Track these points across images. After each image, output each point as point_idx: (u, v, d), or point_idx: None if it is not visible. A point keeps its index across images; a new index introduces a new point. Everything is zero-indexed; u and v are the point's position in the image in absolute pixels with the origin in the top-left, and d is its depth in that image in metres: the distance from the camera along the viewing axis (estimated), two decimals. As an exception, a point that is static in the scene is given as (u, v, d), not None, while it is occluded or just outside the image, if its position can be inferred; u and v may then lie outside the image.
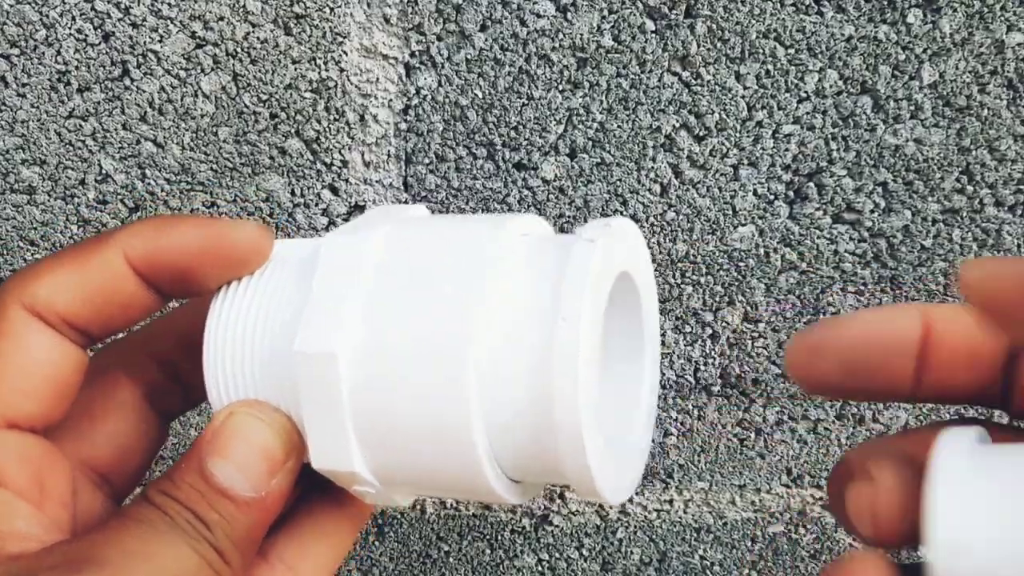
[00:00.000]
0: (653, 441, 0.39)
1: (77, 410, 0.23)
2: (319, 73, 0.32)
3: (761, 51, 0.31)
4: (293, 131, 0.33)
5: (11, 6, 0.31)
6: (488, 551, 0.44)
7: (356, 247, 0.22)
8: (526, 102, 0.32)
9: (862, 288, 0.35)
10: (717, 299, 0.36)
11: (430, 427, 0.20)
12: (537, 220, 0.23)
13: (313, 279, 0.21)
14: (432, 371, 0.20)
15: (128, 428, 0.24)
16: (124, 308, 0.22)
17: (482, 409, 0.20)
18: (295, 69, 0.32)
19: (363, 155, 0.34)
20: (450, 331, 0.20)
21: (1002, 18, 0.30)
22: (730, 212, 0.34)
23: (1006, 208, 0.33)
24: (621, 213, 0.34)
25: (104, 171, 0.34)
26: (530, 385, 0.20)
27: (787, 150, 0.33)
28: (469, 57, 0.31)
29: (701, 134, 0.32)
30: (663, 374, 0.38)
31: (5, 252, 0.36)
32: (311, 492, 0.24)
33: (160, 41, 0.32)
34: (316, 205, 0.35)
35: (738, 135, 0.32)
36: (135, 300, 0.22)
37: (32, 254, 0.36)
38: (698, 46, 0.31)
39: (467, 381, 0.20)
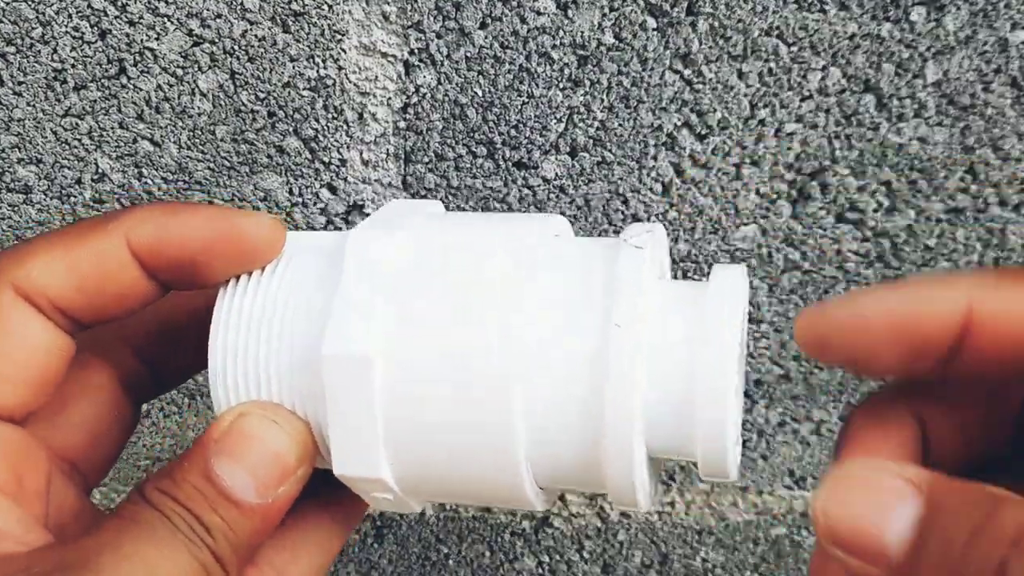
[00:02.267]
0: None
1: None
2: (317, 71, 0.32)
3: (764, 49, 0.31)
4: (291, 129, 0.33)
5: (7, 4, 0.31)
6: (488, 554, 0.43)
7: (386, 244, 0.20)
8: (526, 100, 0.32)
9: (865, 288, 0.35)
10: (719, 299, 0.36)
11: (470, 437, 0.19)
12: (562, 221, 0.23)
13: (340, 276, 0.20)
14: (474, 380, 0.19)
15: (101, 415, 0.23)
16: (121, 297, 0.21)
17: (526, 418, 0.19)
18: (293, 67, 0.32)
19: (362, 154, 0.33)
20: (493, 337, 0.19)
21: (1006, 16, 0.30)
22: (732, 211, 0.34)
23: (1010, 207, 0.33)
24: (622, 212, 0.34)
25: (100, 170, 0.34)
26: (578, 393, 0.19)
27: (790, 149, 0.32)
28: (469, 55, 0.31)
29: (703, 132, 0.32)
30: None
31: (1, 252, 0.36)
32: (301, 494, 0.24)
33: (157, 39, 0.31)
34: (314, 204, 0.34)
35: (740, 134, 0.32)
36: (134, 290, 0.21)
37: (28, 254, 0.36)
38: (700, 44, 0.31)
39: (511, 390, 0.19)
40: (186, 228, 0.21)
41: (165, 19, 0.31)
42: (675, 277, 0.35)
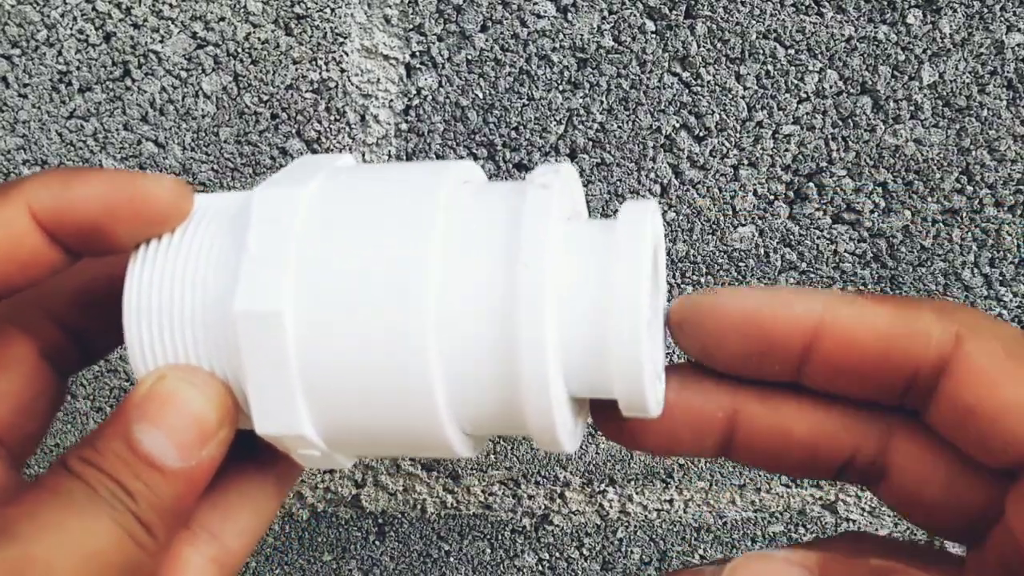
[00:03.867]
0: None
1: None
2: (320, 73, 0.32)
3: (761, 51, 0.31)
4: (294, 131, 0.33)
5: (12, 6, 0.31)
6: (488, 551, 0.44)
7: (292, 197, 0.20)
8: (526, 102, 0.32)
9: (862, 288, 0.35)
10: (717, 299, 0.36)
11: (386, 382, 0.19)
12: (472, 166, 0.23)
13: (247, 234, 0.20)
14: (386, 322, 0.19)
15: (24, 387, 0.22)
16: (25, 265, 0.20)
17: (441, 360, 0.19)
18: (296, 69, 0.32)
19: (364, 156, 0.34)
20: (403, 280, 0.19)
21: (1002, 18, 0.30)
22: (730, 212, 0.34)
23: (1006, 208, 0.33)
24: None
25: (105, 171, 0.34)
26: (491, 333, 0.19)
27: (787, 150, 0.33)
28: (470, 57, 0.31)
29: (701, 134, 0.32)
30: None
31: (6, 252, 0.36)
32: (234, 455, 0.23)
33: (161, 41, 0.32)
34: (317, 205, 0.35)
35: (738, 135, 0.32)
36: (38, 257, 0.21)
37: (33, 254, 0.36)
38: (698, 47, 0.31)
39: (425, 331, 0.19)
40: (86, 191, 0.20)
41: (169, 22, 0.31)
42: (673, 275, 0.35)
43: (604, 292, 0.19)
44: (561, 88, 0.32)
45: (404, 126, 0.33)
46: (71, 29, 0.32)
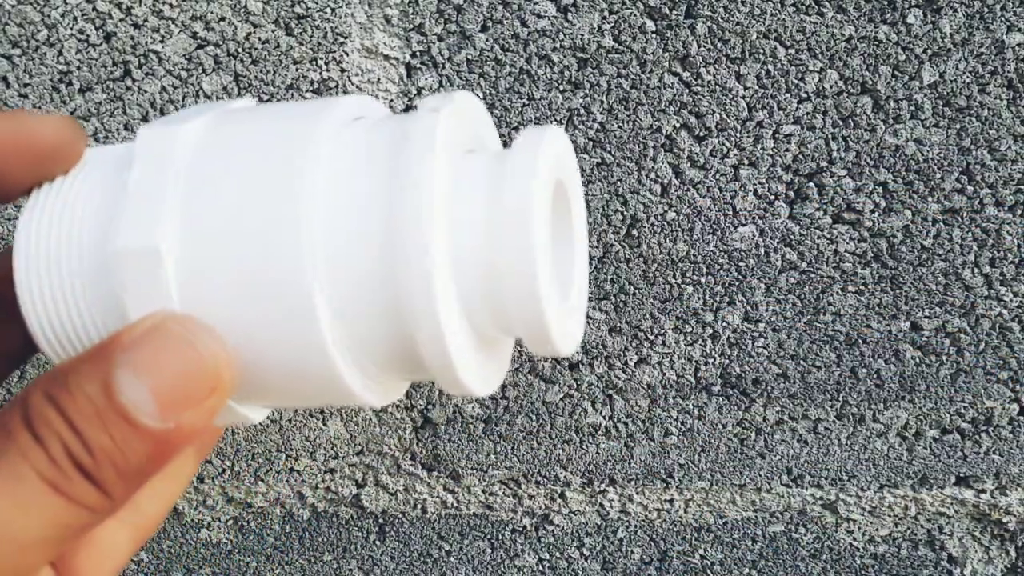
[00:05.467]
0: (653, 440, 0.39)
1: None
2: (320, 73, 0.32)
3: (761, 51, 0.31)
4: (294, 131, 0.33)
5: (13, 6, 0.31)
6: (489, 550, 0.44)
7: (174, 134, 0.20)
8: (527, 102, 0.32)
9: (862, 288, 0.35)
10: (717, 299, 0.36)
11: (271, 319, 0.18)
12: (372, 101, 0.22)
13: (129, 172, 0.19)
14: (267, 256, 0.18)
15: None
16: None
17: (325, 293, 0.18)
18: (296, 69, 0.32)
19: (364, 155, 0.34)
20: (283, 211, 0.18)
21: (1002, 18, 0.30)
22: (730, 212, 0.34)
23: (1006, 208, 0.33)
24: (621, 213, 0.34)
25: (106, 171, 0.34)
26: (376, 263, 0.18)
27: (787, 150, 0.33)
28: (470, 57, 0.31)
29: (701, 134, 0.32)
30: (664, 374, 0.38)
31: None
32: None
33: (162, 41, 0.32)
34: (317, 205, 0.35)
35: (738, 135, 0.32)
36: None
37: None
38: (698, 46, 0.31)
39: (303, 263, 0.18)
40: None
41: (170, 22, 0.31)
42: (673, 275, 0.35)
43: (495, 216, 0.18)
44: (561, 88, 0.32)
45: (404, 126, 0.33)
46: (71, 29, 0.32)
